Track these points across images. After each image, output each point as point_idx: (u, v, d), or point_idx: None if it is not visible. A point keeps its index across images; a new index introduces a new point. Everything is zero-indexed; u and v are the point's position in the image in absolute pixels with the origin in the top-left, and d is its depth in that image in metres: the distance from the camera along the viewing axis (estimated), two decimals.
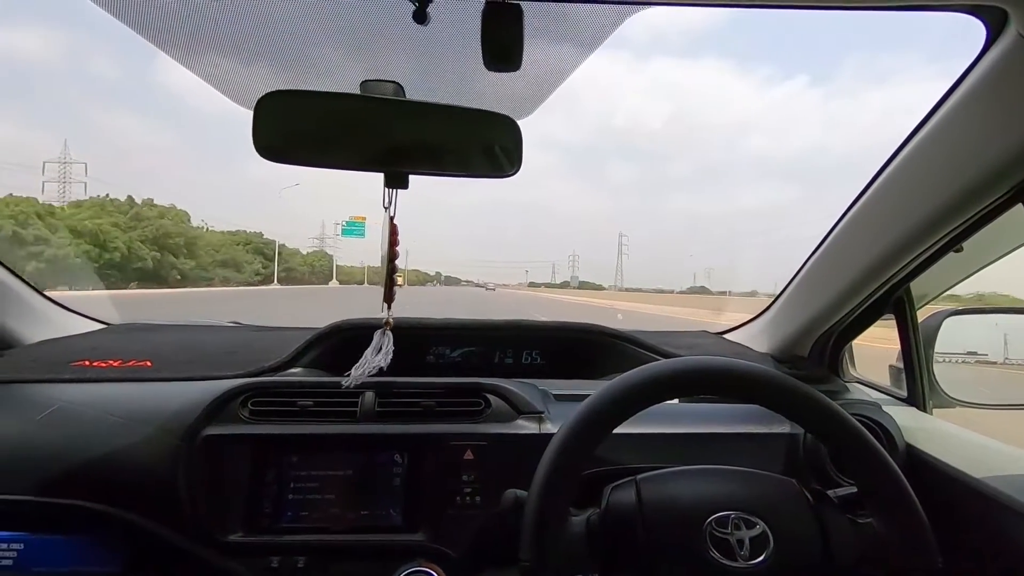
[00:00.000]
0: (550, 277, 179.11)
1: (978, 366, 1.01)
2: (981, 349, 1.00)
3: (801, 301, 1.04)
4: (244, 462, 0.81)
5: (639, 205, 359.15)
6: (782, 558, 0.57)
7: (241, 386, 0.85)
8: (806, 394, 0.60)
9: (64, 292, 11.14)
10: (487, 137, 0.69)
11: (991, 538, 0.68)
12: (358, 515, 0.81)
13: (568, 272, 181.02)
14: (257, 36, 0.67)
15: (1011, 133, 0.61)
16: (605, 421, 0.59)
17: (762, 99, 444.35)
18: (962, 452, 0.79)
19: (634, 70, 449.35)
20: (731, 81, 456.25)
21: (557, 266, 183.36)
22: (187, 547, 0.79)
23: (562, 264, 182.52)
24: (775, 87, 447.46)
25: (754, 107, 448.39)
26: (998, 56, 0.57)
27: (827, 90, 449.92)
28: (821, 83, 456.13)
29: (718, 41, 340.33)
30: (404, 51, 0.70)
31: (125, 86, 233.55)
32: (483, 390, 0.88)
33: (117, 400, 0.85)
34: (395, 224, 0.80)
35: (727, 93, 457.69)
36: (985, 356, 1.01)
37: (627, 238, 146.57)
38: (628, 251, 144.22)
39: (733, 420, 0.89)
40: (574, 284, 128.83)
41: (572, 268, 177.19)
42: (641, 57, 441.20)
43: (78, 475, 0.78)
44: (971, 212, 0.70)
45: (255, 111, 0.64)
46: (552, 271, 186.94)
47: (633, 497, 0.62)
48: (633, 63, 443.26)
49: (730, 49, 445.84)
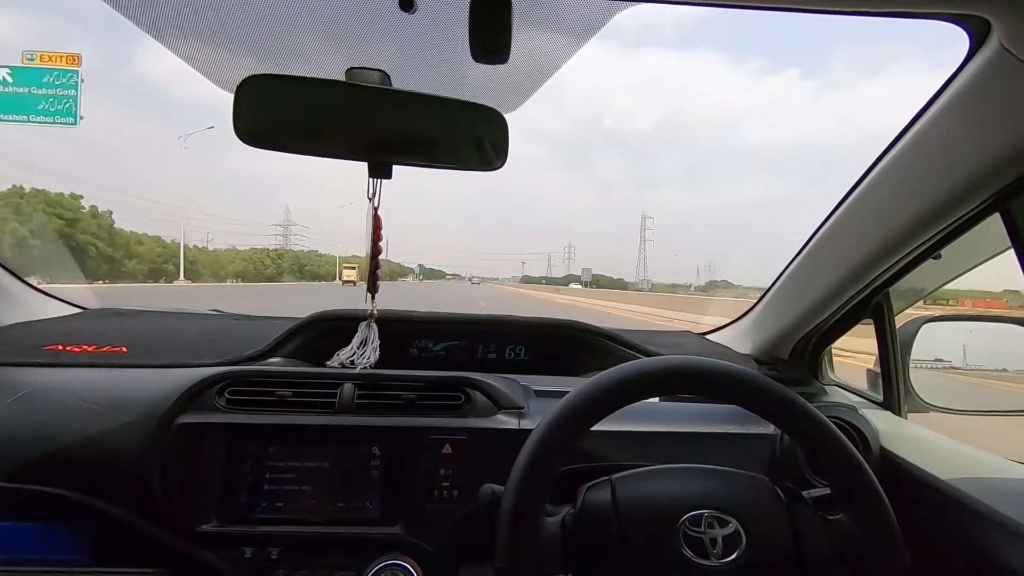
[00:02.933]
0: (545, 270, 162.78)
1: (945, 372, 1.03)
2: (948, 356, 1.02)
3: (783, 304, 1.05)
4: (219, 451, 0.80)
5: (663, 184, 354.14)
6: (754, 556, 0.58)
7: (218, 374, 0.84)
8: (782, 395, 0.60)
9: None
10: (473, 129, 0.68)
11: (959, 539, 0.70)
12: (334, 507, 0.81)
13: (565, 265, 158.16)
14: (241, 21, 0.65)
15: (991, 143, 0.61)
16: (583, 419, 0.59)
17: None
18: (934, 456, 0.81)
19: (621, 58, 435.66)
20: (720, 72, 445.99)
21: (553, 258, 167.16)
22: (159, 536, 0.78)
23: (558, 256, 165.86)
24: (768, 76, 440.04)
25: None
26: (980, 66, 0.58)
27: (819, 81, 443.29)
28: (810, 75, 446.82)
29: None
30: (391, 39, 0.69)
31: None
32: (464, 384, 0.88)
33: (90, 386, 0.84)
34: (379, 216, 0.80)
35: (717, 85, 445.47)
36: (950, 362, 1.03)
37: (652, 220, 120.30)
38: (653, 236, 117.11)
39: (712, 420, 0.89)
40: (586, 278, 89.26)
41: (568, 261, 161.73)
42: (631, 46, 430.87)
43: (47, 462, 0.77)
44: (950, 220, 0.71)
45: (236, 95, 0.63)
46: (548, 263, 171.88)
47: (608, 497, 0.62)
48: (623, 51, 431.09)
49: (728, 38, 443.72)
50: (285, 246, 79.95)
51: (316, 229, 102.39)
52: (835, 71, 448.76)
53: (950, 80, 0.63)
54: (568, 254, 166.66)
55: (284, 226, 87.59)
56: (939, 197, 0.69)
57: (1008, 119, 0.59)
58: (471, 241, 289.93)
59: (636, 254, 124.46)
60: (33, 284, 1.14)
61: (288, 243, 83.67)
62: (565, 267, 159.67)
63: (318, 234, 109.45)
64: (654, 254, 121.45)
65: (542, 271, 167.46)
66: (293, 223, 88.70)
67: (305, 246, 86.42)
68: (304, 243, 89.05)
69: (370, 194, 0.76)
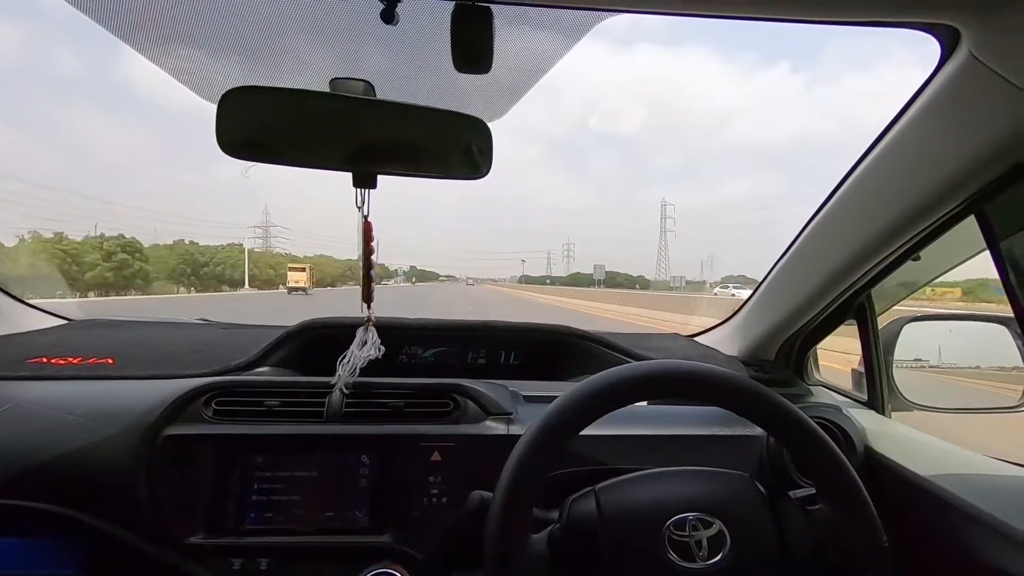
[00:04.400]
0: (545, 269, 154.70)
1: (923, 371, 1.05)
2: (925, 356, 1.04)
3: (768, 306, 1.06)
4: (207, 462, 0.80)
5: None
6: (739, 556, 0.59)
7: (205, 385, 0.84)
8: (765, 397, 0.61)
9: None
10: (457, 138, 0.69)
11: (942, 536, 0.71)
12: (323, 516, 0.81)
13: (565, 264, 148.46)
14: (224, 31, 0.65)
15: (964, 148, 0.63)
16: (570, 424, 0.60)
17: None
18: (918, 454, 0.82)
19: (610, 55, 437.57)
20: (712, 68, 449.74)
21: (553, 255, 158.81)
22: (146, 549, 0.77)
23: (557, 254, 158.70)
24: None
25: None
26: (952, 73, 0.59)
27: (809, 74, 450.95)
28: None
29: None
30: (374, 50, 0.69)
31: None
32: (452, 391, 0.88)
33: (75, 399, 0.83)
34: (369, 223, 0.80)
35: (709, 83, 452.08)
36: (928, 362, 1.04)
37: (673, 207, 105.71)
38: (675, 226, 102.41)
39: (700, 422, 0.90)
40: (598, 276, 74.22)
41: (568, 259, 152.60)
42: (622, 42, 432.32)
43: (33, 476, 0.76)
44: (927, 223, 0.72)
45: (219, 106, 0.63)
46: (547, 261, 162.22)
47: (593, 507, 0.63)
48: (613, 49, 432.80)
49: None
50: (266, 248, 76.71)
51: (297, 230, 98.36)
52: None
53: (924, 86, 0.64)
54: (567, 252, 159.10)
55: (263, 227, 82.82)
56: (917, 201, 0.70)
57: (979, 124, 0.60)
58: (466, 241, 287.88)
59: (653, 248, 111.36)
60: (17, 296, 1.13)
61: (268, 245, 79.35)
62: (564, 266, 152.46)
63: (304, 236, 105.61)
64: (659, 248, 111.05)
65: (541, 270, 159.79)
66: (273, 224, 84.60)
67: (285, 249, 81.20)
68: (283, 246, 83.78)
69: (359, 203, 0.76)
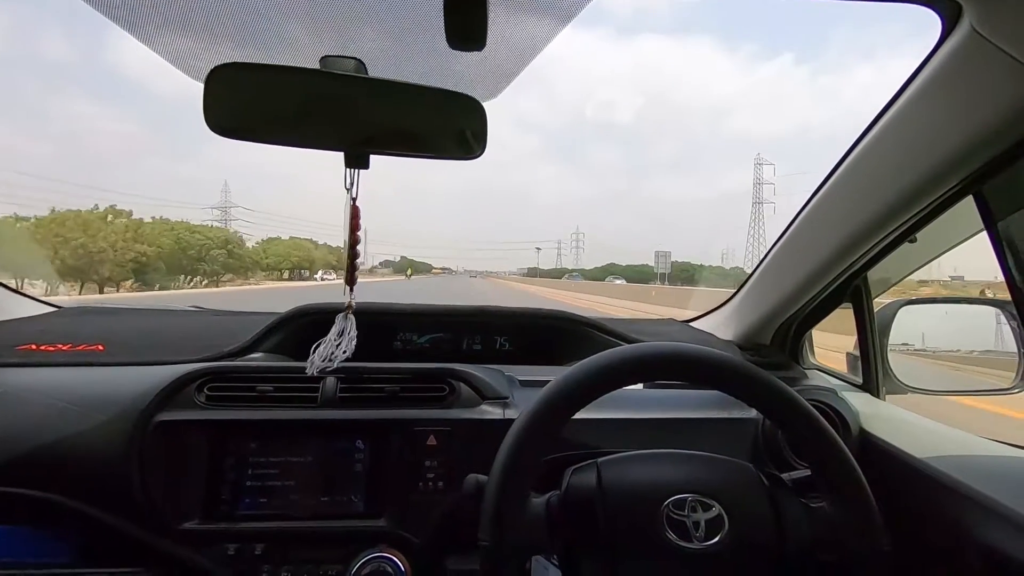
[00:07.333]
0: (555, 262, 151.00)
1: (912, 355, 1.07)
2: (912, 339, 1.05)
3: (764, 290, 1.06)
4: (200, 448, 0.79)
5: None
6: (736, 539, 0.59)
7: (197, 371, 0.83)
8: (760, 379, 0.61)
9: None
10: (451, 118, 0.67)
11: (937, 517, 0.71)
12: (319, 501, 0.80)
13: (573, 255, 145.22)
14: (210, 8, 0.63)
15: (963, 126, 0.62)
16: (565, 406, 0.60)
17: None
18: (912, 436, 0.82)
19: (603, 39, 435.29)
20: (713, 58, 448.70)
21: (563, 246, 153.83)
22: (140, 536, 0.77)
23: (566, 244, 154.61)
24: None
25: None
26: (952, 49, 0.58)
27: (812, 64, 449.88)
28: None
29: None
30: (367, 27, 0.68)
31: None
32: (448, 376, 0.88)
33: (66, 385, 0.82)
34: (357, 206, 0.78)
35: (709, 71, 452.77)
36: (913, 345, 1.06)
37: (773, 168, 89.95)
38: (775, 196, 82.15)
39: (696, 406, 0.90)
40: (661, 269, 63.40)
41: (576, 249, 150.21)
42: (625, 31, 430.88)
43: (23, 463, 0.75)
44: (924, 203, 0.72)
45: (206, 84, 0.61)
46: (557, 253, 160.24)
47: (593, 479, 0.63)
48: (615, 36, 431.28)
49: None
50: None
51: (262, 211, 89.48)
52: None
53: (923, 64, 0.63)
54: (576, 241, 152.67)
55: (223, 208, 75.09)
56: (914, 181, 0.70)
57: (980, 102, 0.59)
58: (464, 230, 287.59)
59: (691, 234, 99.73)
60: (4, 283, 1.11)
61: (228, 228, 67.02)
62: (573, 257, 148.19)
63: (269, 218, 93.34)
64: (680, 239, 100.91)
65: (551, 262, 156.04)
66: (234, 204, 76.37)
67: (247, 233, 66.70)
68: (245, 229, 71.98)
69: (347, 184, 0.75)
